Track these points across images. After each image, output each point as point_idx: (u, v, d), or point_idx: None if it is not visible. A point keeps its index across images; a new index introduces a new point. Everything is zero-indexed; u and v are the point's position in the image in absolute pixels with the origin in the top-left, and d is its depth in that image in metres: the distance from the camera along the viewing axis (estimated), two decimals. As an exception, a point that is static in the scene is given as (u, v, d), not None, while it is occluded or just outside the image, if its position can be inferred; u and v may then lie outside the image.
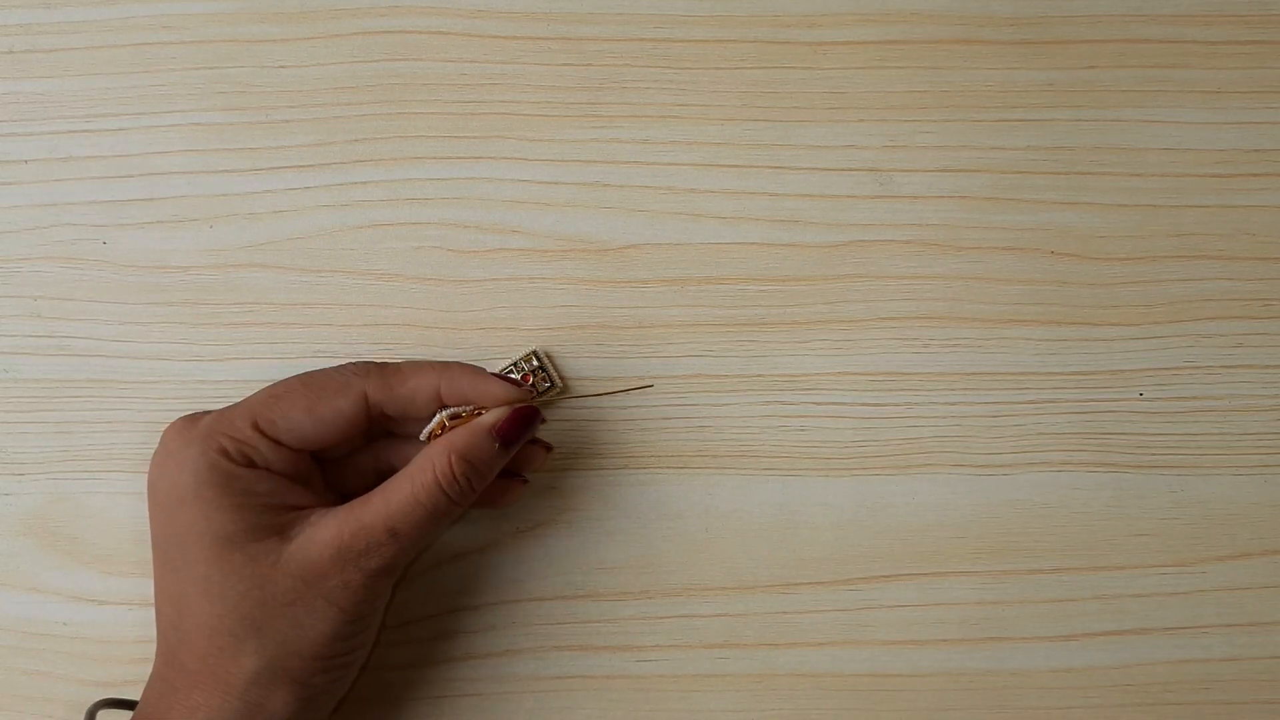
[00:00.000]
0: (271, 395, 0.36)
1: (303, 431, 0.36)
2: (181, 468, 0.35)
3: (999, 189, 0.44)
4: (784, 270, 0.44)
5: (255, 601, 0.34)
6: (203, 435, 0.35)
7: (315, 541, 0.35)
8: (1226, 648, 0.42)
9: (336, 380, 0.37)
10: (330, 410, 0.36)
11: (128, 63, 0.44)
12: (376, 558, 0.35)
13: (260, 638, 0.34)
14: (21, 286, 0.44)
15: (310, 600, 0.35)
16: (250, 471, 0.35)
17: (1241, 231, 0.44)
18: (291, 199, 0.44)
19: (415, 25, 0.44)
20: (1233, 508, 0.43)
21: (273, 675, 0.35)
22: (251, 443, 0.36)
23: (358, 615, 0.36)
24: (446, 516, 0.36)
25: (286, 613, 0.35)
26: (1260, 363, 0.44)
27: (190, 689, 0.35)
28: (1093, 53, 0.45)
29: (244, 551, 0.35)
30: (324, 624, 0.35)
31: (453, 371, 0.37)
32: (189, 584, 0.35)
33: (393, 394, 0.37)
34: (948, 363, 0.43)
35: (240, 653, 0.34)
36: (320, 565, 0.35)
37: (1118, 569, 0.43)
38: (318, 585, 0.35)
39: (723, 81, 0.44)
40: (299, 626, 0.35)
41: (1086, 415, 0.43)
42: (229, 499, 0.35)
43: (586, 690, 0.42)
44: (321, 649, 0.35)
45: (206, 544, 0.35)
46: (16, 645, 0.42)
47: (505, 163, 0.44)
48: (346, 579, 0.35)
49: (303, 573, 0.35)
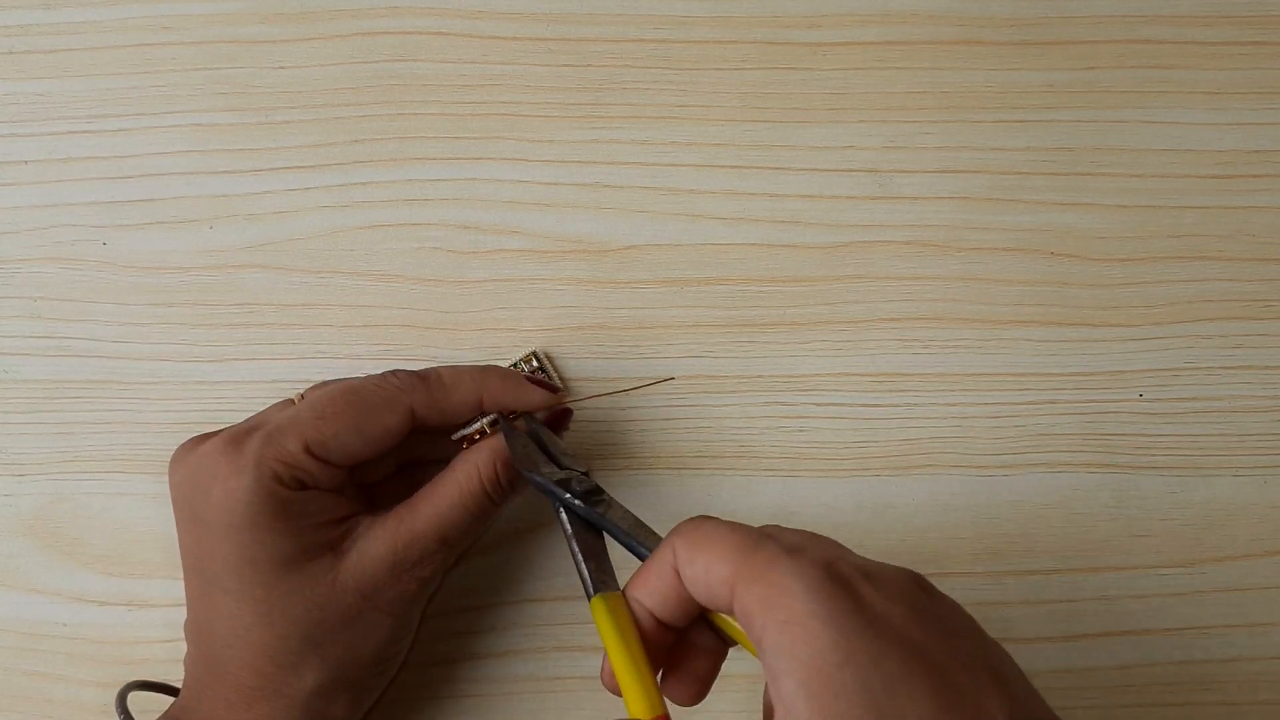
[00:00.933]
0: (318, 416, 0.35)
1: (352, 450, 0.36)
2: (232, 495, 0.34)
3: (999, 190, 0.44)
4: (784, 271, 0.44)
5: (315, 621, 0.35)
6: (254, 461, 0.34)
7: (369, 556, 0.35)
8: (1227, 649, 0.42)
9: (383, 396, 0.36)
10: (379, 429, 0.36)
11: (128, 63, 0.44)
12: (429, 566, 0.36)
13: (321, 653, 0.35)
14: (21, 287, 0.44)
15: (369, 614, 0.35)
16: (303, 495, 0.35)
17: (1242, 232, 0.44)
18: (291, 200, 0.44)
19: (415, 26, 0.44)
20: (1233, 508, 0.43)
21: (334, 686, 0.35)
22: (304, 466, 0.35)
23: (410, 619, 0.37)
24: (490, 518, 0.37)
25: (346, 628, 0.35)
26: (1260, 363, 0.44)
27: (250, 704, 0.35)
28: (1093, 53, 0.45)
29: (302, 573, 0.35)
30: (380, 633, 0.36)
31: (492, 380, 0.37)
32: (245, 606, 0.35)
33: (438, 409, 0.37)
34: (948, 363, 0.43)
35: (302, 668, 0.35)
36: (376, 579, 0.35)
37: (1118, 569, 0.43)
38: (374, 598, 0.35)
39: (722, 82, 0.44)
40: (358, 639, 0.35)
41: (1087, 416, 0.43)
42: (284, 524, 0.35)
43: (588, 691, 0.42)
44: (377, 654, 0.36)
45: (264, 568, 0.34)
46: (16, 646, 0.42)
47: (505, 163, 0.44)
48: (402, 589, 0.36)
49: (359, 587, 0.35)
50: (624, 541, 0.34)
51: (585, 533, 0.34)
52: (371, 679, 0.37)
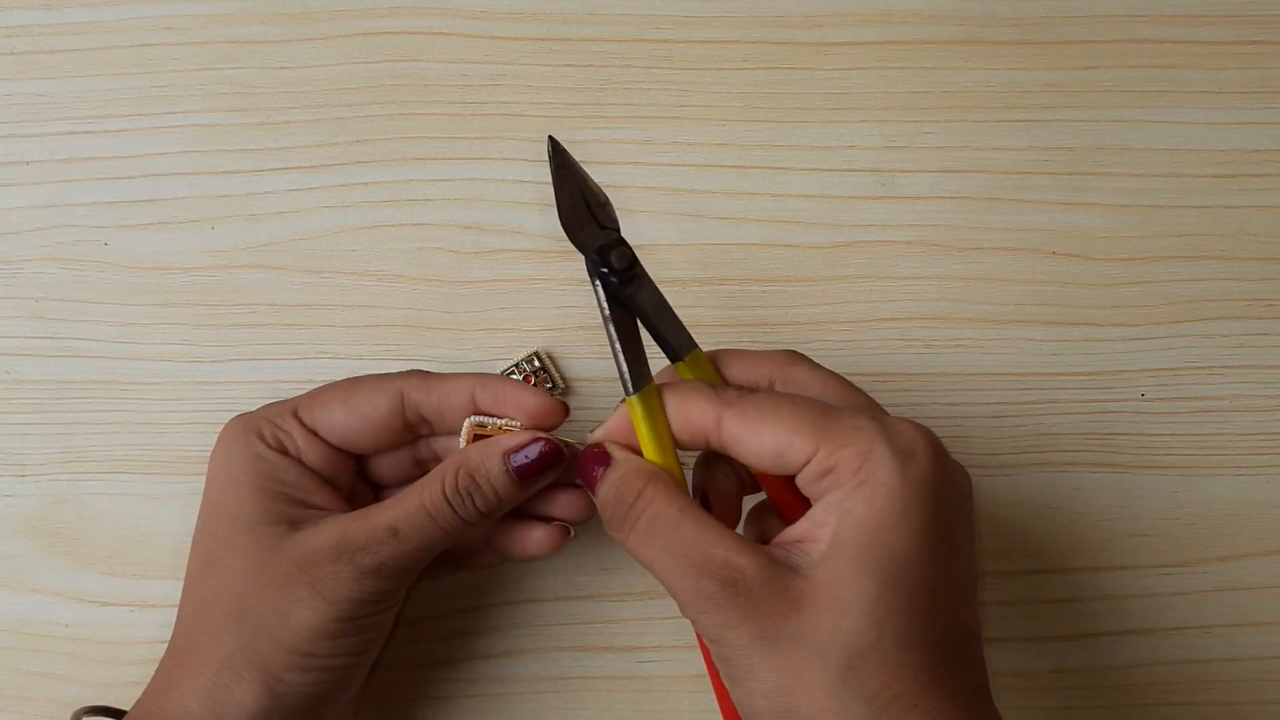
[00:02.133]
0: (314, 391, 0.37)
1: (336, 422, 0.36)
2: (222, 450, 0.36)
3: (1000, 189, 0.44)
4: (786, 271, 0.44)
5: (248, 581, 0.34)
6: (245, 422, 0.37)
7: (318, 534, 0.35)
8: (1228, 648, 0.42)
9: (376, 379, 0.37)
10: (366, 405, 0.36)
11: (130, 64, 0.44)
12: (372, 555, 0.34)
13: (243, 618, 0.34)
14: (23, 288, 0.44)
15: (297, 586, 0.34)
16: (280, 457, 0.36)
17: (1243, 232, 0.44)
18: (293, 200, 0.44)
19: (417, 26, 0.44)
20: (1234, 508, 0.43)
21: (246, 659, 0.34)
22: (286, 428, 0.36)
23: (344, 614, 0.34)
24: (451, 530, 0.35)
25: (273, 595, 0.34)
26: (1262, 363, 0.44)
27: (174, 667, 0.35)
28: (1094, 53, 0.45)
29: (251, 532, 0.35)
30: (306, 613, 0.34)
31: (488, 379, 0.37)
32: (202, 559, 0.36)
33: (428, 395, 0.37)
34: (950, 363, 0.43)
35: (223, 630, 0.34)
36: (317, 554, 0.34)
37: (1120, 569, 0.43)
38: (308, 571, 0.34)
39: (724, 82, 0.44)
40: (281, 613, 0.34)
41: (1089, 415, 0.43)
42: (252, 480, 0.35)
43: (589, 691, 0.42)
44: (299, 641, 0.34)
45: (222, 519, 0.35)
46: (18, 646, 0.42)
47: (507, 163, 0.44)
48: (337, 570, 0.34)
49: (298, 557, 0.34)
50: (646, 324, 0.34)
51: (620, 313, 0.34)
52: (289, 671, 0.34)
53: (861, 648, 0.28)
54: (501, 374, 0.42)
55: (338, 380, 0.37)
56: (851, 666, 0.28)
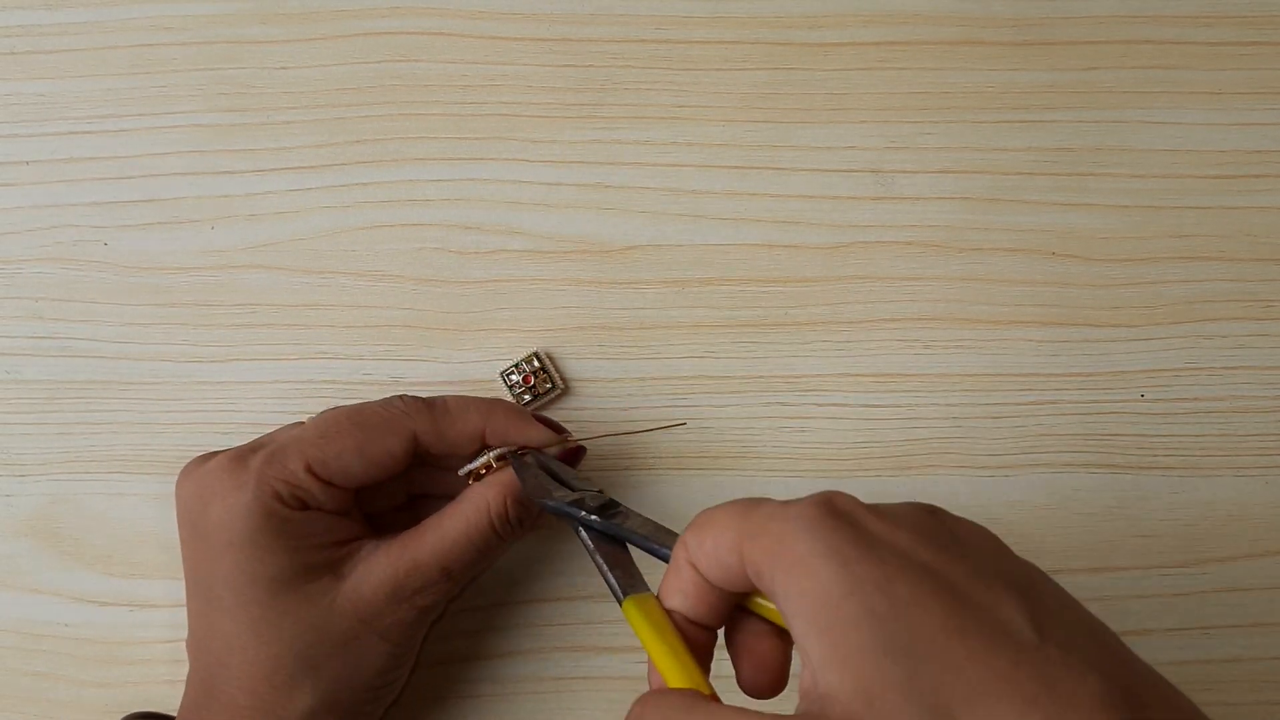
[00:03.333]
0: (321, 435, 0.36)
1: (353, 472, 0.36)
2: (232, 511, 0.35)
3: (1000, 190, 0.44)
4: (785, 271, 0.44)
5: (310, 642, 0.35)
6: (255, 479, 0.35)
7: (369, 580, 0.35)
8: (1229, 648, 0.42)
9: (386, 419, 0.36)
10: (381, 451, 0.36)
11: (129, 64, 0.44)
12: (429, 595, 0.36)
13: (316, 676, 0.35)
14: (23, 288, 0.44)
15: (365, 639, 0.35)
16: (304, 515, 0.35)
17: (1243, 233, 0.44)
18: (293, 200, 0.44)
19: (416, 26, 0.44)
20: (1235, 509, 0.43)
21: (327, 710, 0.35)
22: (305, 486, 0.35)
23: (407, 649, 0.37)
24: (495, 554, 0.37)
25: (342, 651, 0.35)
26: (1262, 364, 0.44)
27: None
28: (1094, 54, 0.45)
29: (300, 593, 0.35)
30: (377, 659, 0.35)
31: (497, 414, 0.37)
32: (241, 624, 0.35)
33: (441, 436, 0.37)
34: (949, 364, 0.43)
35: (296, 690, 0.34)
36: (375, 604, 0.35)
37: (1120, 570, 0.43)
38: (372, 623, 0.35)
39: (724, 82, 0.44)
40: (353, 664, 0.35)
41: (1088, 416, 0.43)
42: (284, 542, 0.35)
43: (588, 691, 0.42)
44: (373, 680, 0.36)
45: (261, 586, 0.34)
46: (18, 646, 0.42)
47: (506, 164, 0.44)
48: (400, 617, 0.35)
49: (357, 611, 0.35)
50: (645, 547, 0.34)
51: (608, 545, 0.34)
52: (365, 705, 0.36)
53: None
54: (501, 374, 0.42)
55: (343, 414, 0.36)
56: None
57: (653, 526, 0.34)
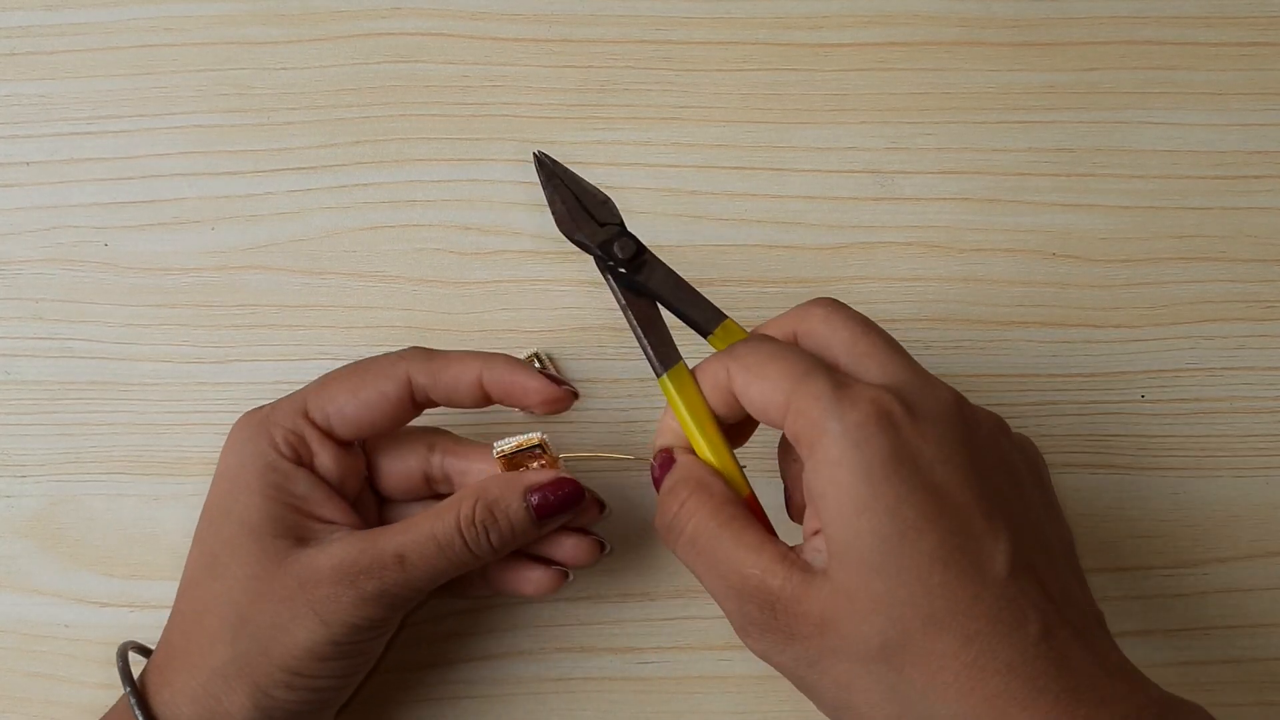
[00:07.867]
0: (319, 382, 0.37)
1: (347, 413, 0.36)
2: (234, 453, 0.36)
3: (1000, 191, 0.44)
4: (786, 272, 0.44)
5: (249, 591, 0.34)
6: (258, 424, 0.36)
7: (324, 553, 0.34)
8: (1229, 649, 0.42)
9: (380, 363, 0.36)
10: (374, 392, 0.36)
11: (129, 65, 0.44)
12: (376, 581, 0.34)
13: (240, 628, 0.34)
14: (23, 289, 0.44)
15: (296, 604, 0.34)
16: (293, 468, 0.35)
17: (1243, 233, 0.44)
18: (293, 201, 0.44)
19: (417, 27, 0.44)
20: (1235, 509, 0.43)
21: (237, 670, 0.34)
22: (300, 432, 0.36)
23: (340, 637, 0.34)
24: (459, 563, 0.35)
25: (272, 610, 0.34)
26: (1262, 364, 0.44)
27: (165, 663, 0.35)
28: (1094, 54, 0.45)
29: (258, 542, 0.35)
30: (302, 633, 0.34)
31: (495, 363, 0.36)
32: (202, 558, 0.35)
33: (435, 380, 0.36)
34: (950, 364, 0.43)
35: (219, 638, 0.34)
36: (319, 573, 0.34)
37: (1120, 570, 0.43)
38: (309, 591, 0.34)
39: (724, 83, 0.44)
40: (278, 629, 0.34)
41: (1088, 417, 0.43)
42: (263, 488, 0.35)
43: (588, 692, 0.42)
44: (292, 660, 0.34)
45: (228, 523, 0.35)
46: (18, 647, 0.42)
47: (507, 164, 0.44)
48: (338, 592, 0.34)
49: (300, 574, 0.34)
50: (668, 305, 0.34)
51: (636, 299, 0.34)
52: (278, 688, 0.34)
53: (895, 648, 0.28)
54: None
55: (342, 367, 0.37)
56: (894, 666, 0.28)
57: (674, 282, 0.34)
